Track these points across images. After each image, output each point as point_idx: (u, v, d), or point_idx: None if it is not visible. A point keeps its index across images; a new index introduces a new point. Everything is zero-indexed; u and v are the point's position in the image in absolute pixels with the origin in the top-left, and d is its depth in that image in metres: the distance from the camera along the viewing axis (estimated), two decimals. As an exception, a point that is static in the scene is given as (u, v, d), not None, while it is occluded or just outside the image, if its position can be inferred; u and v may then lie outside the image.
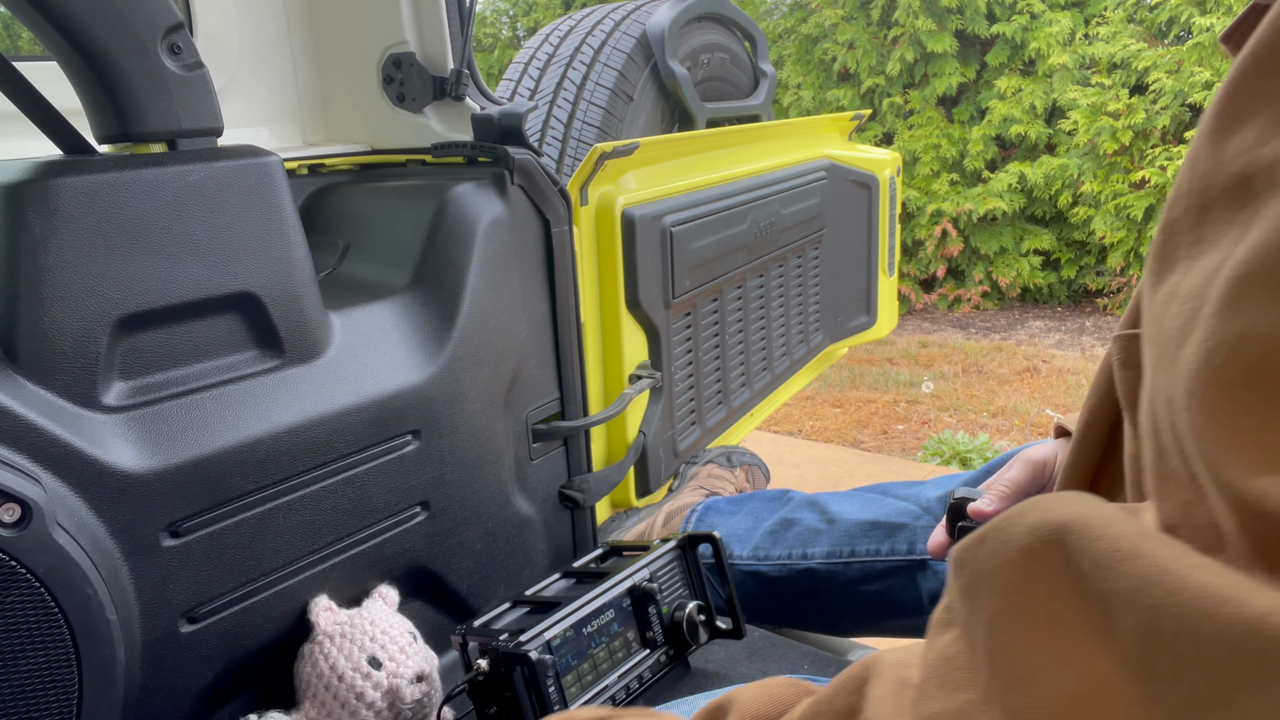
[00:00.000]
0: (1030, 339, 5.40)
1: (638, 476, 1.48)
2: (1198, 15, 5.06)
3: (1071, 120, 5.48)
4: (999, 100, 5.79)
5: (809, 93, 6.35)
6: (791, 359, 1.97)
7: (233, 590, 0.92)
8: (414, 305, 1.11)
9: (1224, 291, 0.28)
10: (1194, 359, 0.28)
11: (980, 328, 5.70)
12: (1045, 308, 6.04)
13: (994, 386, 4.55)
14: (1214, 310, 0.28)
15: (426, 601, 1.14)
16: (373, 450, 1.02)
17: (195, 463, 0.87)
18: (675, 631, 1.06)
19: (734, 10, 2.23)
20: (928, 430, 4.03)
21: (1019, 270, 5.87)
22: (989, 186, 5.79)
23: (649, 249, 1.40)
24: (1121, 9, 5.49)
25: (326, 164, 1.40)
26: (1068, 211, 5.76)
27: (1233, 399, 0.27)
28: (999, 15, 5.77)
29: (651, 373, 1.45)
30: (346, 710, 0.93)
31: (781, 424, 4.15)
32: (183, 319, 0.89)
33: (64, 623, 0.74)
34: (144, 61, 0.85)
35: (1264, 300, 0.26)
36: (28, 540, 0.72)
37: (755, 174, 1.74)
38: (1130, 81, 5.40)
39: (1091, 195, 5.55)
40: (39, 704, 0.74)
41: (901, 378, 4.73)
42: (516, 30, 7.87)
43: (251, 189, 0.93)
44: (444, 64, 1.34)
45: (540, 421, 1.27)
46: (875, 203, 2.20)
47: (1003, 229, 5.91)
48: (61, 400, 0.80)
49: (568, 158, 1.86)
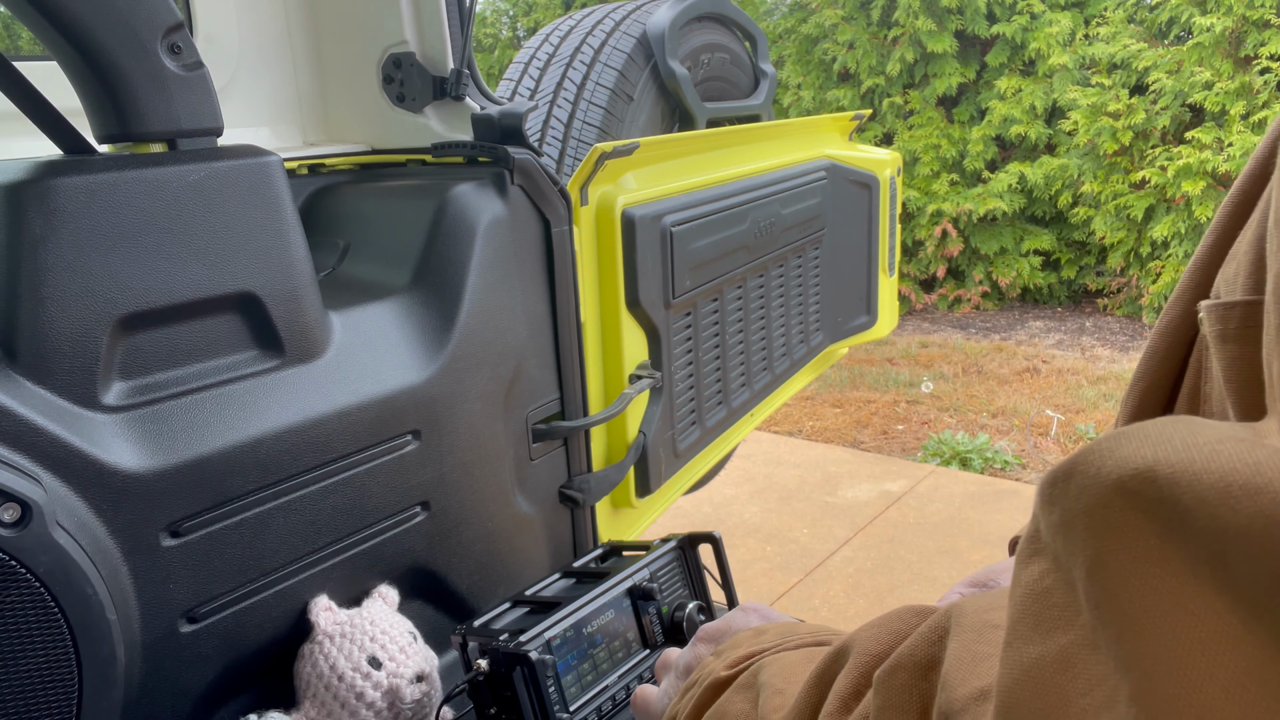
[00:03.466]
0: (1030, 339, 5.40)
1: (638, 476, 1.48)
2: (1198, 15, 5.06)
3: (1071, 120, 5.48)
4: (999, 100, 5.79)
5: (809, 93, 6.35)
6: (792, 359, 1.97)
7: (233, 590, 0.91)
8: (414, 305, 1.11)
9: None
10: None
11: (980, 328, 5.69)
12: (1045, 308, 6.04)
13: (994, 387, 4.55)
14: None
15: (426, 601, 1.14)
16: (373, 450, 1.02)
17: (195, 463, 0.87)
18: (675, 631, 1.06)
19: (734, 10, 2.23)
20: (928, 430, 4.03)
21: (1019, 270, 5.87)
22: (989, 187, 5.79)
23: (649, 249, 1.40)
24: (1121, 9, 5.49)
25: (326, 164, 1.40)
26: (1068, 212, 5.76)
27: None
28: (999, 15, 5.77)
29: (651, 373, 1.45)
30: (346, 710, 0.93)
31: (781, 424, 4.15)
32: (182, 319, 0.89)
33: (64, 623, 0.74)
34: (144, 61, 0.85)
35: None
36: (28, 540, 0.72)
37: (755, 174, 1.74)
38: (1130, 82, 5.39)
39: (1091, 195, 5.55)
40: (39, 704, 0.74)
41: (901, 378, 4.73)
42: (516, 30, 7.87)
43: (251, 189, 0.93)
44: (444, 64, 1.34)
45: (540, 421, 1.27)
46: (875, 203, 2.20)
47: (1003, 229, 5.91)
48: (61, 400, 0.80)
49: (568, 158, 1.86)
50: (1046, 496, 0.32)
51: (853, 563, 2.87)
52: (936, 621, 0.41)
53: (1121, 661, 0.28)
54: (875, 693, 0.41)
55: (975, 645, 0.37)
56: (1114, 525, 0.28)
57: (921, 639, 0.41)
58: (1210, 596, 0.25)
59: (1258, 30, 4.94)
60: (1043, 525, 0.33)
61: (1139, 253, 5.46)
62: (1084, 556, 0.29)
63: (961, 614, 0.39)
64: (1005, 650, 0.33)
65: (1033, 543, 0.33)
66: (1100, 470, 0.29)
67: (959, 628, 0.39)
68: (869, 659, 0.46)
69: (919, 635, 0.41)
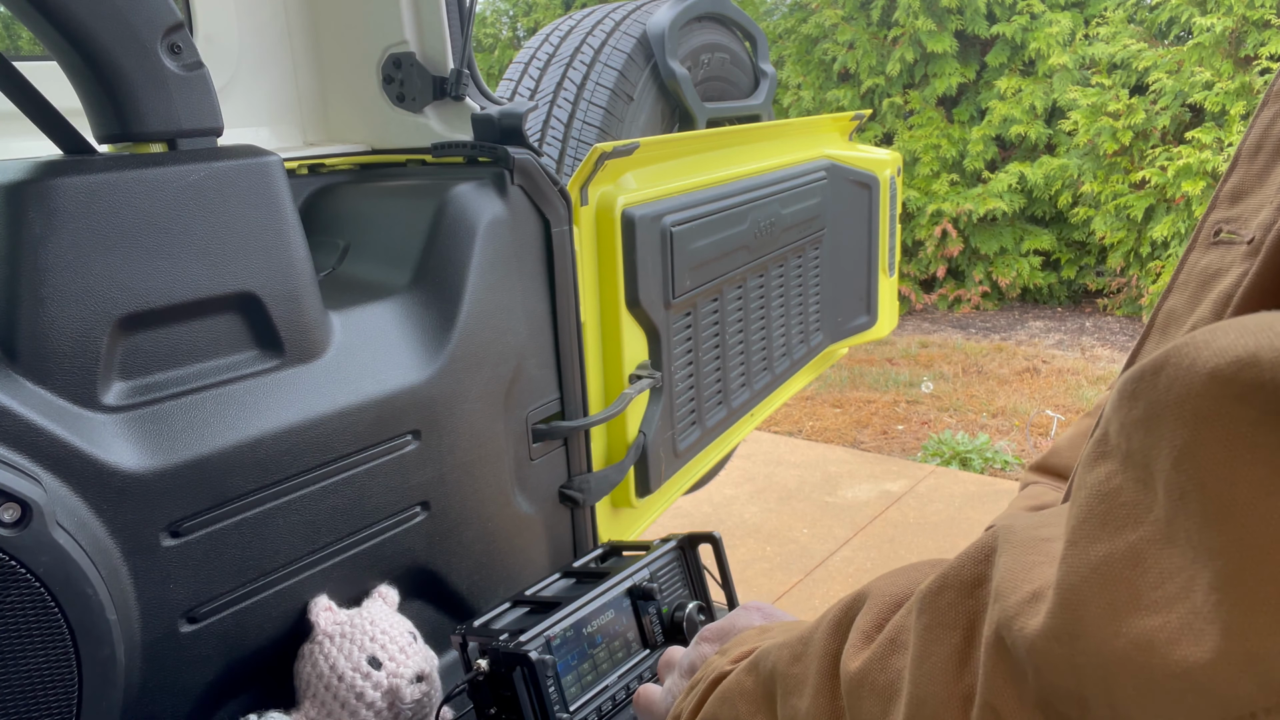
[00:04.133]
0: (1030, 339, 5.40)
1: (638, 476, 1.48)
2: (1198, 15, 5.06)
3: (1071, 120, 5.48)
4: (999, 100, 5.79)
5: (809, 93, 6.35)
6: (792, 359, 1.97)
7: (233, 590, 0.91)
8: (414, 305, 1.11)
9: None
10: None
11: (980, 328, 5.69)
12: (1045, 308, 6.04)
13: (994, 387, 4.55)
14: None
15: (426, 601, 1.14)
16: (373, 450, 1.02)
17: (195, 463, 0.86)
18: (675, 631, 1.06)
19: (734, 10, 2.22)
20: (928, 430, 4.03)
21: (1019, 270, 5.87)
22: (989, 187, 5.79)
23: (649, 249, 1.40)
24: (1121, 9, 5.49)
25: (326, 164, 1.40)
26: (1068, 212, 5.76)
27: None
28: (999, 15, 5.77)
29: (651, 373, 1.45)
30: (346, 710, 0.93)
31: (781, 424, 4.15)
32: (183, 319, 0.89)
33: (64, 623, 0.74)
34: (144, 61, 0.85)
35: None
36: (28, 540, 0.72)
37: (755, 174, 1.74)
38: (1130, 82, 5.40)
39: (1091, 195, 5.55)
40: (39, 704, 0.74)
41: (901, 378, 4.73)
42: (516, 30, 7.87)
43: (251, 189, 0.92)
44: (444, 64, 1.34)
45: (540, 421, 1.27)
46: (875, 203, 2.20)
47: (1003, 229, 5.91)
48: (61, 400, 0.80)
49: (568, 158, 1.86)
50: (1130, 392, 0.31)
51: (853, 563, 2.87)
52: (983, 541, 0.40)
53: (1205, 550, 0.27)
54: (920, 613, 0.41)
55: (1027, 557, 0.37)
56: (1206, 414, 0.28)
57: (968, 559, 0.40)
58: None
59: (1258, 30, 4.94)
60: (1115, 427, 0.32)
61: (1139, 253, 5.46)
62: (1170, 447, 0.29)
63: (1010, 532, 0.39)
64: (1068, 550, 0.32)
65: (1100, 445, 0.33)
66: (1195, 361, 0.28)
67: (1007, 544, 0.38)
68: (887, 600, 0.46)
69: (964, 556, 0.40)
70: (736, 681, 0.55)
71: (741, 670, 0.55)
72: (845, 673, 0.44)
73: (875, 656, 0.43)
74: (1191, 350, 0.29)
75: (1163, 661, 0.28)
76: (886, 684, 0.42)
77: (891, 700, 0.41)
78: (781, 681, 0.50)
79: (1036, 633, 0.32)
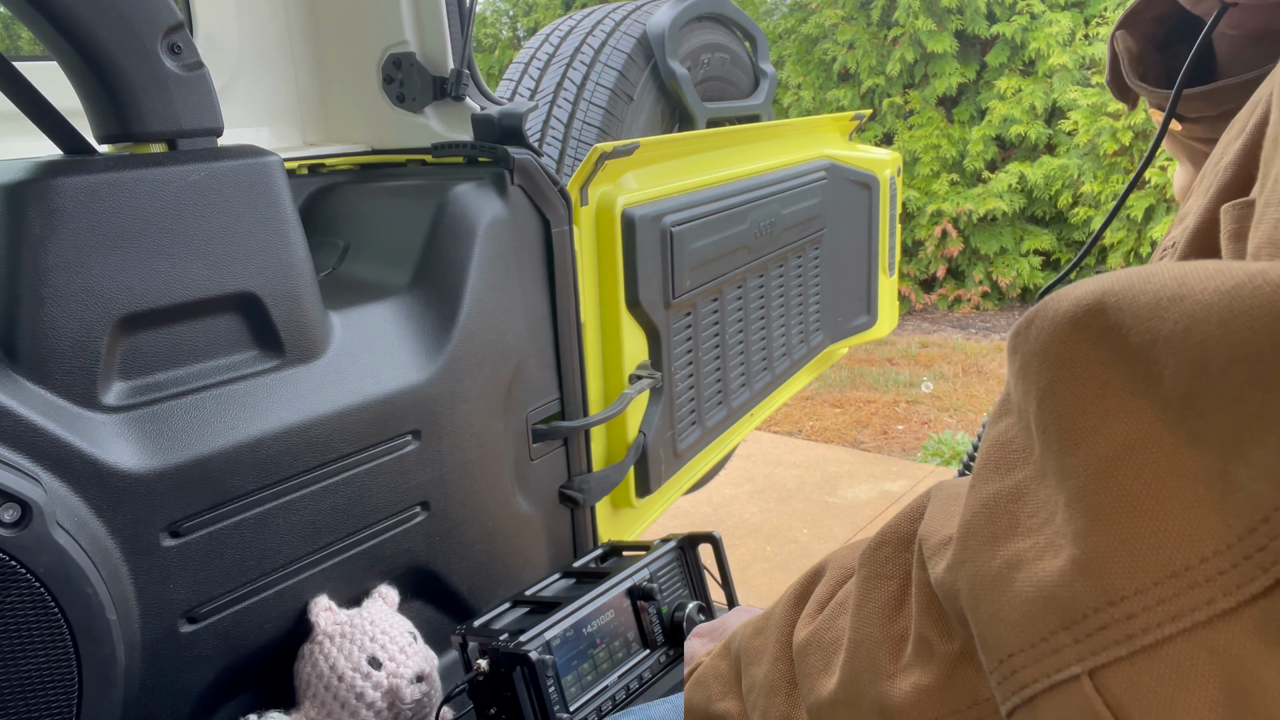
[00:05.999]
0: (1030, 339, 5.40)
1: (638, 476, 1.48)
2: (1198, 15, 5.05)
3: (1071, 120, 5.48)
4: (999, 100, 5.79)
5: (809, 93, 6.35)
6: (792, 359, 1.97)
7: (233, 590, 0.91)
8: (414, 305, 1.11)
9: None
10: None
11: (980, 328, 5.70)
12: (1045, 308, 6.04)
13: (994, 387, 4.55)
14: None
15: (426, 601, 1.14)
16: (373, 450, 1.02)
17: (195, 463, 0.87)
18: (675, 631, 1.06)
19: (734, 10, 2.22)
20: (928, 430, 4.03)
21: (1019, 270, 5.87)
22: (989, 187, 5.79)
23: (649, 249, 1.40)
24: (1121, 9, 5.48)
25: (326, 164, 1.40)
26: (1068, 212, 5.76)
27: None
28: (999, 15, 5.76)
29: (651, 373, 1.45)
30: (346, 710, 0.93)
31: (781, 424, 4.15)
32: (183, 319, 0.89)
33: (64, 623, 0.74)
34: (144, 61, 0.85)
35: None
36: (28, 540, 0.72)
37: (755, 174, 1.74)
38: (1130, 82, 5.39)
39: (1091, 195, 5.55)
40: (39, 704, 0.74)
41: (901, 378, 4.73)
42: (516, 30, 7.87)
43: (251, 189, 0.93)
44: (444, 64, 1.34)
45: (540, 421, 1.27)
46: (875, 203, 2.20)
47: (1003, 229, 5.91)
48: (61, 400, 0.80)
49: (568, 158, 1.86)
50: (1011, 347, 0.34)
51: (853, 563, 2.87)
52: (918, 501, 0.44)
53: (1061, 474, 0.30)
54: (860, 567, 0.45)
55: (948, 506, 0.40)
56: (1065, 357, 0.30)
57: (904, 517, 0.44)
58: (1142, 409, 0.28)
59: (1258, 30, 4.93)
60: (1009, 377, 0.35)
61: (1139, 253, 5.46)
62: (1038, 389, 0.31)
63: (939, 487, 0.43)
64: (969, 493, 0.36)
65: (1003, 404, 0.36)
66: (1057, 310, 0.31)
67: (935, 498, 0.42)
68: (844, 571, 0.49)
69: (901, 514, 0.44)
70: (711, 665, 0.59)
71: (715, 654, 0.60)
72: (796, 639, 0.48)
73: (824, 618, 0.47)
74: (1054, 302, 0.32)
75: (1026, 575, 0.30)
76: (832, 640, 0.46)
77: (835, 653, 0.45)
78: (744, 655, 0.54)
79: (943, 569, 0.36)
